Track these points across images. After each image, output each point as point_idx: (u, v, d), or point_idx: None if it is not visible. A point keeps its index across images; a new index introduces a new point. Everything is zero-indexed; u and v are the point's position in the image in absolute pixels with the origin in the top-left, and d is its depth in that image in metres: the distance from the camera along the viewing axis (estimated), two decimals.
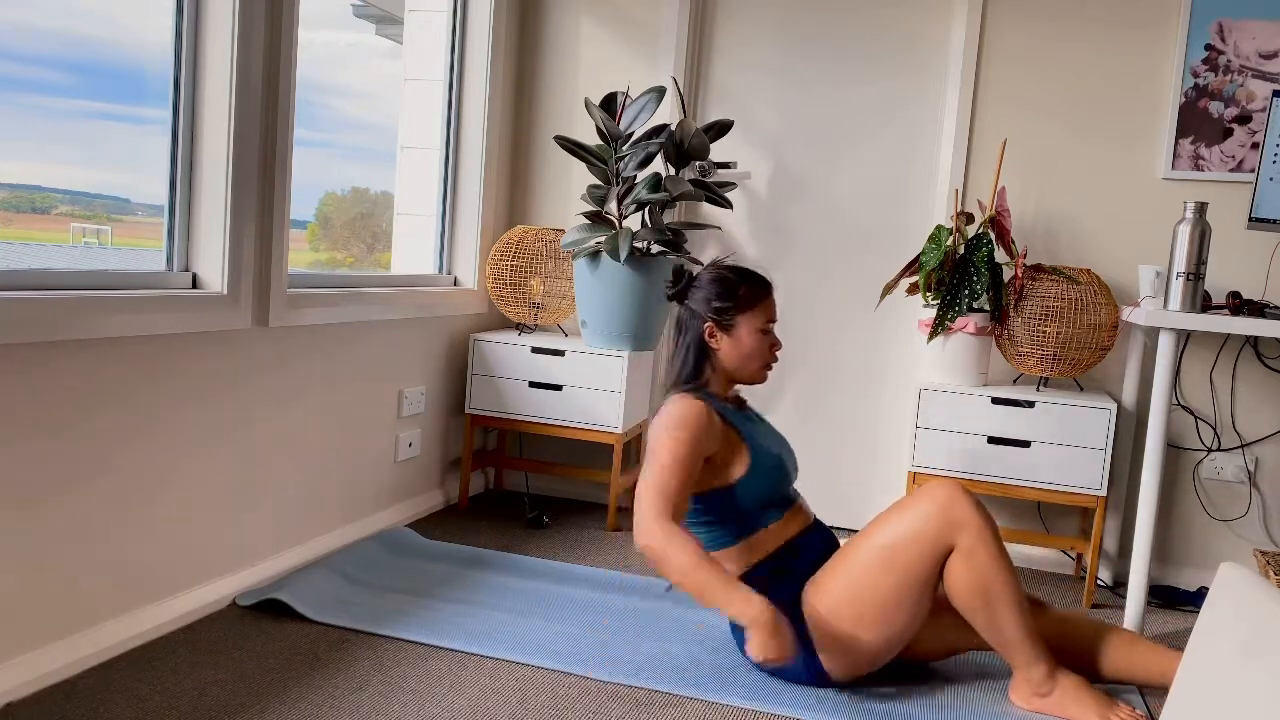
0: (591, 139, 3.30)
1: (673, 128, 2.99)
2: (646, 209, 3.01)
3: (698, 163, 3.15)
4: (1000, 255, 3.00)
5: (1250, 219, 2.58)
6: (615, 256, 2.86)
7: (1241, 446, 2.91)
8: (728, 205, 3.02)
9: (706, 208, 3.34)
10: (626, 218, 3.04)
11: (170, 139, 2.14)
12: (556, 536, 2.98)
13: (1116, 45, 2.94)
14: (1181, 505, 2.96)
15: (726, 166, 3.27)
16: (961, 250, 2.81)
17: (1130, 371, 2.90)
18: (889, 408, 3.25)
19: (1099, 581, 2.95)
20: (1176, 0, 2.87)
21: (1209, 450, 2.93)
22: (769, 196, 3.30)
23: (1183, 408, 2.95)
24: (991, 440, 2.74)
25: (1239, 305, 2.54)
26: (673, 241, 2.99)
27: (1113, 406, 2.66)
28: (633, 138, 3.03)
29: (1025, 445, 2.72)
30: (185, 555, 2.12)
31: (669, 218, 3.28)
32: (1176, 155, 2.89)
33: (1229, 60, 2.84)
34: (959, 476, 2.76)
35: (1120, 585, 2.95)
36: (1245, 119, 2.84)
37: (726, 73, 3.31)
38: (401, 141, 3.32)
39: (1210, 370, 2.92)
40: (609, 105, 3.02)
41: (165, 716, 1.71)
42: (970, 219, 2.89)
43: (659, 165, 3.27)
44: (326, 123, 3.11)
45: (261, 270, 2.26)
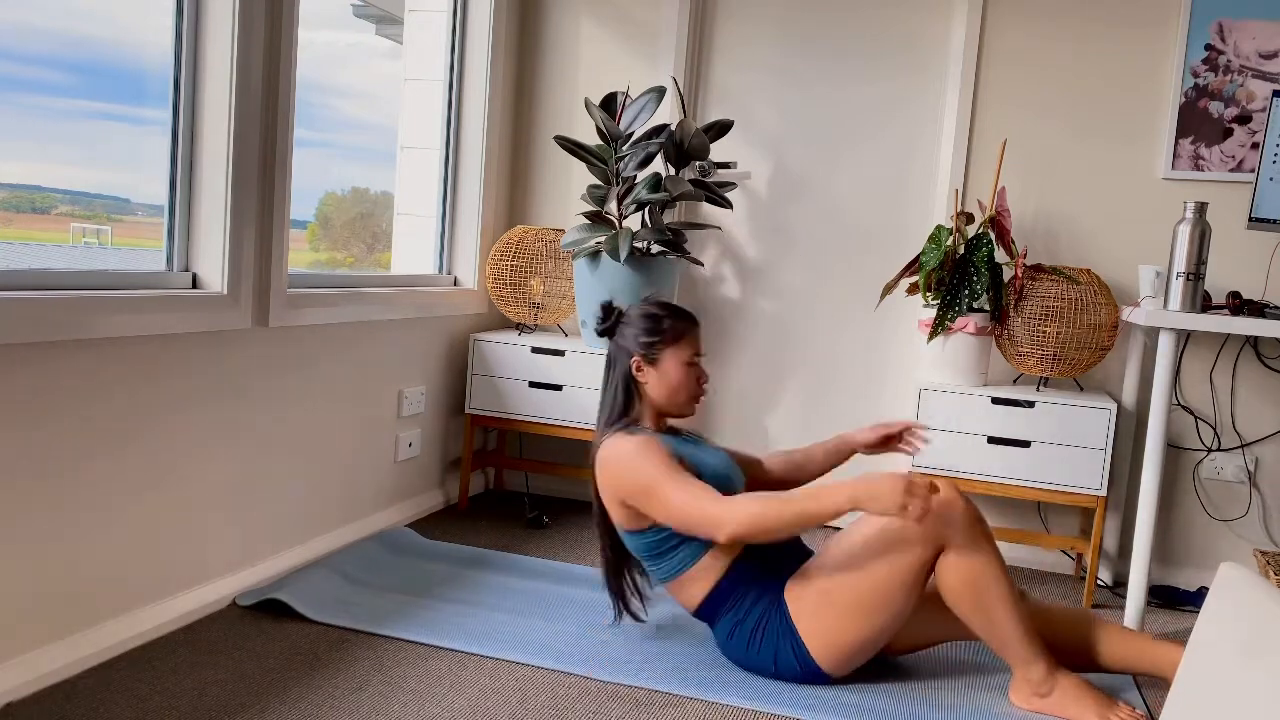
0: (591, 139, 3.30)
1: (673, 128, 2.99)
2: (646, 209, 3.01)
3: (698, 163, 3.15)
4: (1000, 255, 3.00)
5: (1250, 219, 2.58)
6: (615, 256, 2.86)
7: (1241, 446, 2.91)
8: (728, 205, 3.02)
9: (706, 208, 3.34)
10: (626, 218, 3.04)
11: (170, 139, 2.14)
12: (556, 536, 2.98)
13: (1116, 45, 2.94)
14: (1181, 505, 2.96)
15: (726, 166, 3.27)
16: (961, 250, 2.81)
17: (1130, 371, 2.90)
18: (889, 408, 3.25)
19: (1099, 581, 2.95)
20: (1176, 0, 2.88)
21: (1209, 450, 2.93)
22: (769, 196, 3.30)
23: (1183, 408, 2.95)
24: (991, 440, 2.74)
25: (1239, 305, 2.54)
26: (673, 241, 2.99)
27: (1113, 406, 2.66)
28: (633, 138, 3.03)
29: (1025, 445, 2.72)
30: (185, 555, 2.12)
31: (669, 218, 3.28)
32: (1176, 155, 2.89)
33: (1229, 60, 2.84)
34: (959, 477, 2.76)
35: (1120, 585, 2.95)
36: (1245, 119, 2.84)
37: (726, 73, 3.31)
38: (401, 141, 3.32)
39: (1210, 370, 2.92)
40: (609, 105, 3.02)
41: (165, 716, 1.71)
42: (970, 219, 2.89)
43: (659, 165, 3.27)
44: (326, 123, 3.11)
45: (261, 270, 2.26)
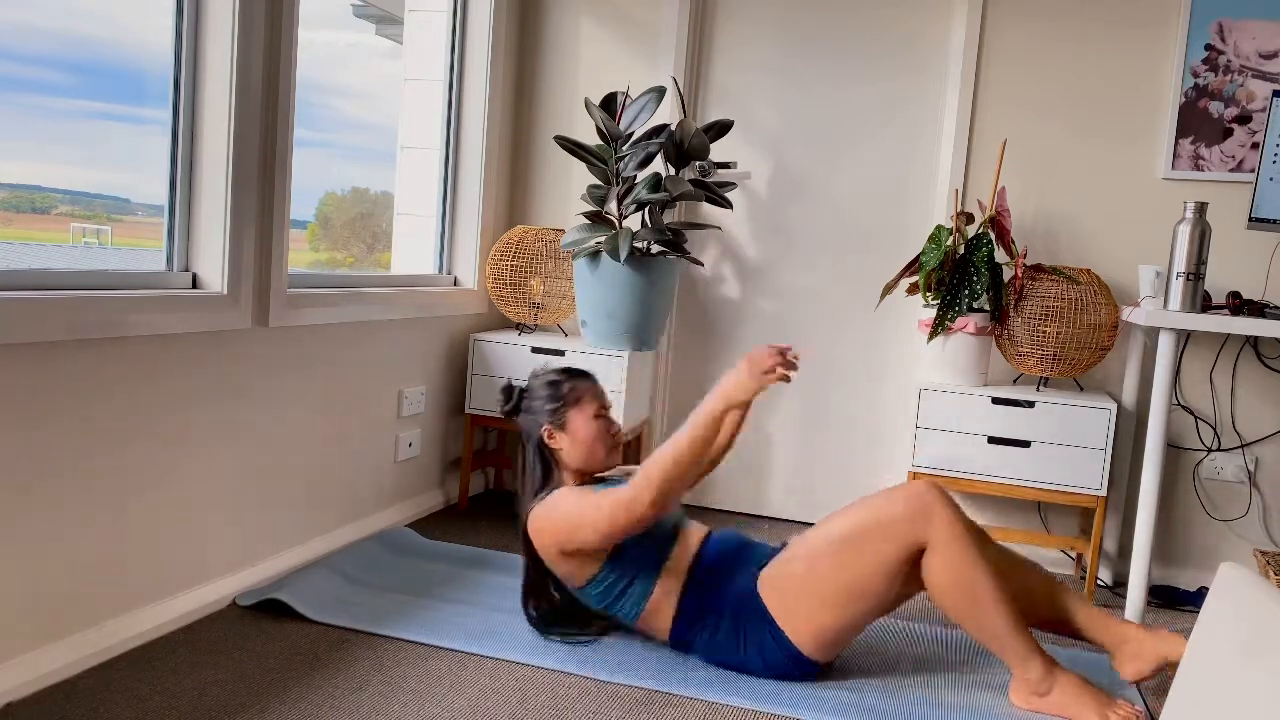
0: (591, 139, 3.29)
1: (673, 128, 2.99)
2: (646, 209, 3.01)
3: (698, 163, 3.15)
4: (1000, 255, 3.00)
5: (1250, 219, 2.58)
6: (615, 256, 2.86)
7: (1241, 446, 2.91)
8: (728, 205, 3.02)
9: (706, 208, 3.34)
10: (626, 218, 3.04)
11: (170, 139, 2.14)
12: None
13: (1116, 45, 2.94)
14: (1181, 505, 2.96)
15: (726, 166, 3.27)
16: (961, 250, 2.81)
17: (1130, 371, 2.90)
18: (889, 408, 3.25)
19: (1099, 581, 2.95)
20: (1176, 0, 2.88)
21: (1209, 450, 2.93)
22: (769, 196, 3.30)
23: (1183, 408, 2.95)
24: (991, 440, 2.74)
25: (1239, 305, 2.54)
26: (673, 241, 2.99)
27: (1113, 406, 2.66)
28: (633, 138, 3.03)
29: (1025, 445, 2.72)
30: (185, 555, 2.12)
31: (669, 218, 3.28)
32: (1176, 155, 2.89)
33: (1229, 60, 2.84)
34: (959, 477, 2.76)
35: (1120, 585, 2.95)
36: (1245, 119, 2.84)
37: (726, 73, 3.31)
38: (401, 141, 3.32)
39: (1210, 370, 2.92)
40: (609, 105, 3.02)
41: (165, 716, 1.71)
42: (970, 219, 2.89)
43: (659, 165, 3.27)
44: (326, 123, 3.11)
45: (261, 270, 2.26)
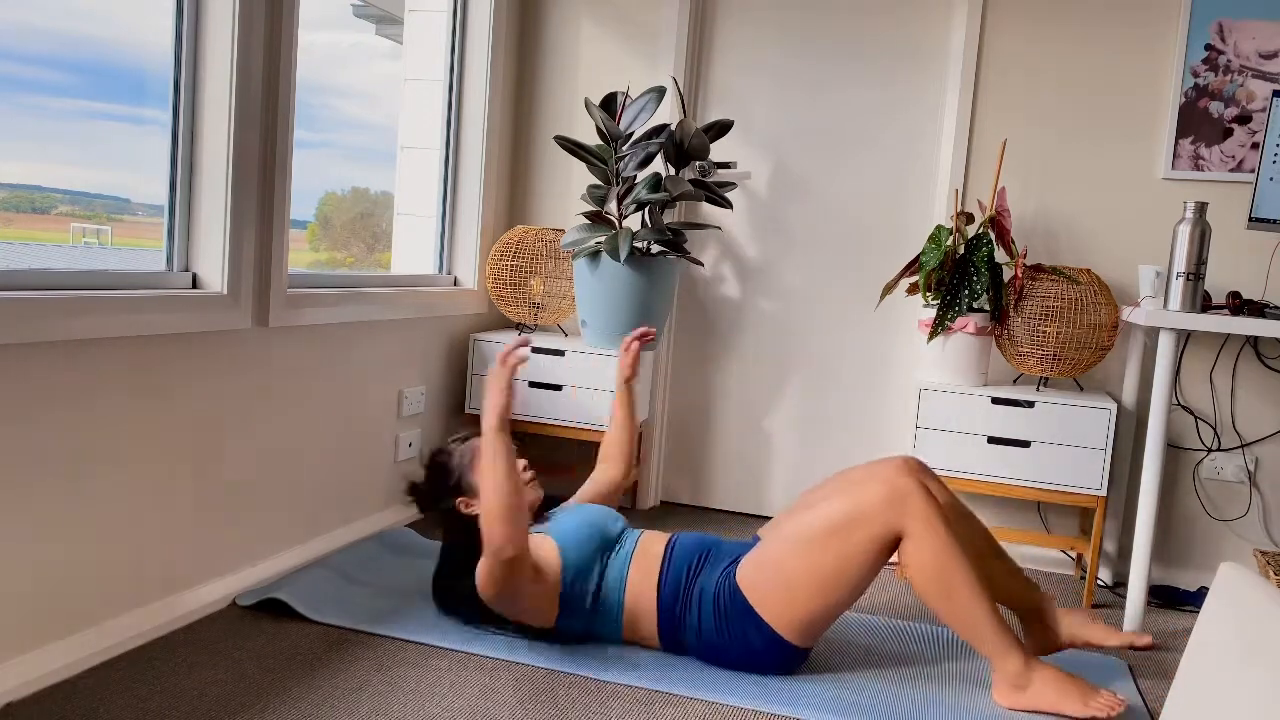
0: (591, 139, 3.30)
1: (673, 128, 2.99)
2: (646, 209, 3.01)
3: (698, 163, 3.15)
4: (1000, 255, 3.00)
5: (1250, 219, 2.58)
6: (615, 256, 2.86)
7: (1241, 446, 2.91)
8: (728, 205, 3.03)
9: (706, 208, 3.34)
10: (626, 218, 3.04)
11: (170, 139, 2.14)
12: None
13: (1116, 46, 2.94)
14: (1181, 505, 2.96)
15: (726, 166, 3.27)
16: (961, 250, 2.81)
17: (1130, 371, 2.90)
18: (889, 408, 3.25)
19: (1099, 581, 2.95)
20: (1176, 0, 2.88)
21: (1209, 450, 2.93)
22: (769, 196, 3.30)
23: (1183, 408, 2.95)
24: (991, 440, 2.74)
25: (1239, 305, 2.54)
26: (673, 241, 2.99)
27: (1113, 406, 2.66)
28: (633, 138, 3.03)
29: (1025, 445, 2.72)
30: (185, 555, 2.12)
31: (669, 218, 3.28)
32: (1176, 155, 2.89)
33: (1229, 60, 2.84)
34: (959, 476, 2.76)
35: (1120, 585, 2.95)
36: (1245, 119, 2.84)
37: (726, 73, 3.31)
38: (401, 141, 3.32)
39: (1210, 370, 2.92)
40: (609, 105, 3.02)
41: (165, 716, 1.71)
42: (970, 219, 2.89)
43: (659, 165, 3.27)
44: (326, 123, 3.12)
45: (261, 270, 2.26)
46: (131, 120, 2.20)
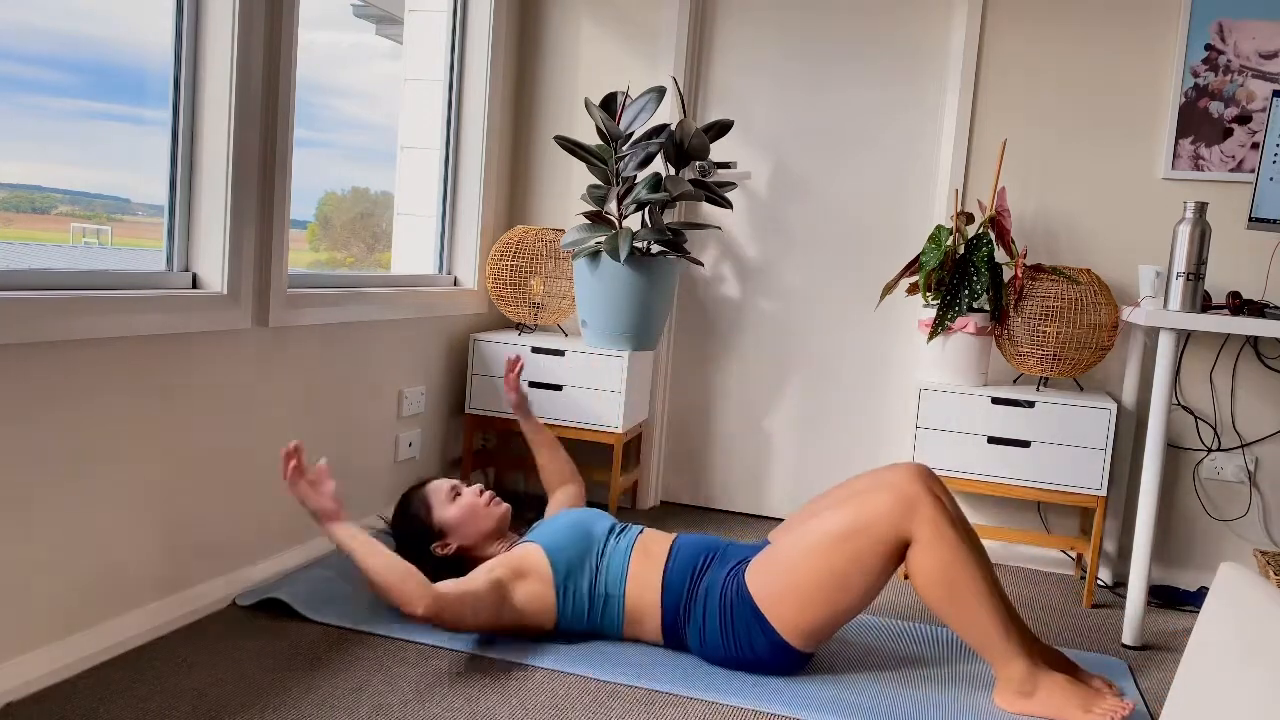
0: (591, 139, 3.30)
1: (673, 128, 2.99)
2: (646, 209, 3.01)
3: (698, 163, 3.15)
4: (1000, 255, 3.00)
5: (1250, 219, 2.58)
6: (615, 256, 2.86)
7: (1241, 446, 2.91)
8: (728, 205, 3.02)
9: (706, 208, 3.34)
10: (626, 218, 3.04)
11: (170, 139, 2.14)
12: None
13: (1116, 46, 2.94)
14: (1181, 505, 2.96)
15: (726, 166, 3.27)
16: (961, 250, 2.81)
17: (1130, 371, 2.90)
18: (889, 408, 3.25)
19: (1099, 581, 2.95)
20: (1176, 0, 2.88)
21: (1209, 450, 2.93)
22: (769, 196, 3.30)
23: (1183, 408, 2.95)
24: (991, 440, 2.74)
25: (1239, 305, 2.54)
26: (673, 241, 2.99)
27: (1113, 406, 2.66)
28: (633, 138, 3.03)
29: (1025, 445, 2.72)
30: (185, 555, 2.12)
31: (669, 218, 3.28)
32: (1176, 155, 2.89)
33: (1229, 60, 2.84)
34: (959, 476, 2.76)
35: (1120, 585, 2.95)
36: (1245, 119, 2.84)
37: (726, 73, 3.31)
38: (401, 141, 3.32)
39: (1210, 370, 2.92)
40: (609, 105, 3.02)
41: (165, 716, 1.71)
42: (970, 219, 2.89)
43: (659, 165, 3.27)
44: (326, 123, 3.12)
45: (261, 270, 2.26)
46: (132, 120, 2.20)
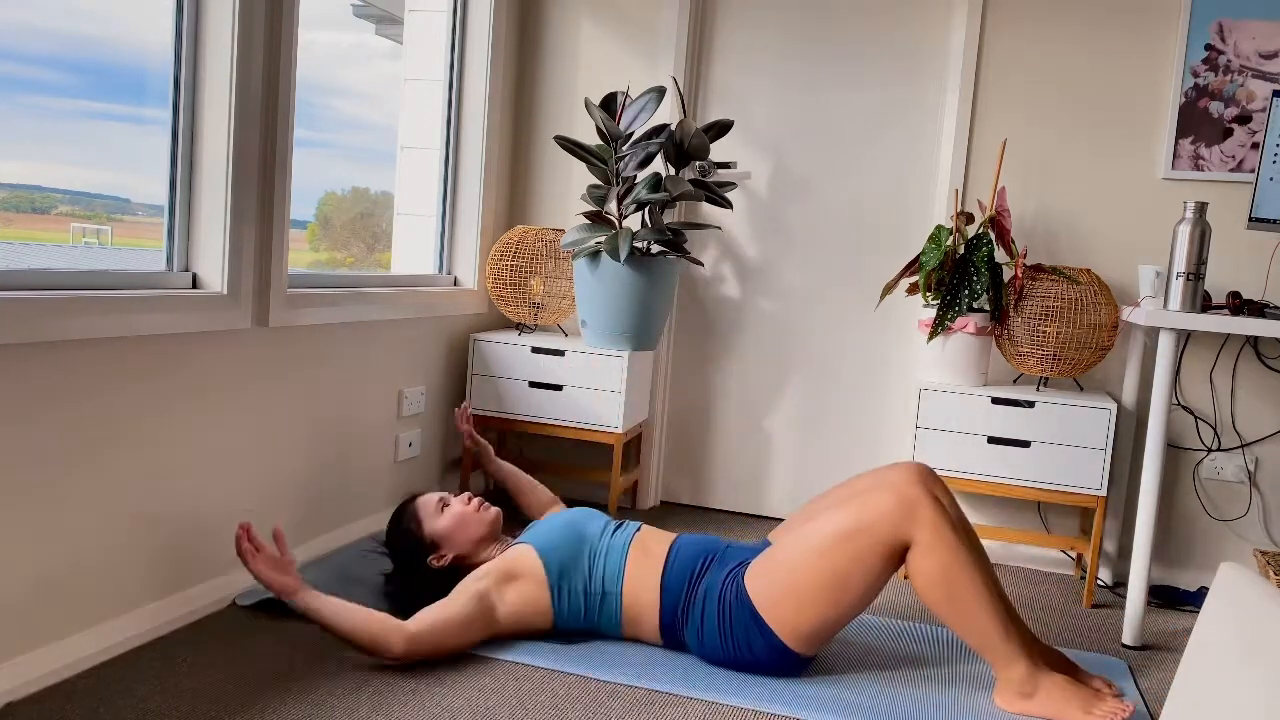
0: (591, 139, 3.30)
1: (673, 128, 2.99)
2: (646, 209, 3.01)
3: (698, 163, 3.15)
4: (1000, 255, 3.00)
5: (1250, 219, 2.58)
6: (615, 256, 2.86)
7: (1241, 446, 2.91)
8: (728, 205, 3.02)
9: (706, 208, 3.34)
10: (626, 218, 3.04)
11: (170, 139, 2.14)
12: None
13: (1116, 46, 2.94)
14: (1181, 505, 2.96)
15: (726, 166, 3.27)
16: (961, 250, 2.81)
17: (1130, 371, 2.90)
18: (889, 408, 3.25)
19: (1099, 581, 2.95)
20: (1176, 1, 2.88)
21: (1209, 450, 2.93)
22: (769, 196, 3.30)
23: (1183, 408, 2.95)
24: (991, 440, 2.74)
25: (1239, 305, 2.54)
26: (673, 241, 2.99)
27: (1113, 406, 2.66)
28: (633, 138, 3.03)
29: (1025, 445, 2.72)
30: (185, 554, 2.12)
31: (669, 218, 3.28)
32: (1176, 155, 2.89)
33: (1229, 60, 2.84)
34: (959, 476, 2.76)
35: (1120, 585, 2.95)
36: (1245, 119, 2.84)
37: (726, 73, 3.31)
38: (401, 141, 3.32)
39: (1210, 370, 2.92)
40: (609, 105, 3.02)
41: (165, 716, 1.71)
42: (970, 219, 2.89)
43: (659, 165, 3.27)
44: (326, 123, 3.11)
45: (261, 270, 2.26)
46: (132, 120, 2.20)
